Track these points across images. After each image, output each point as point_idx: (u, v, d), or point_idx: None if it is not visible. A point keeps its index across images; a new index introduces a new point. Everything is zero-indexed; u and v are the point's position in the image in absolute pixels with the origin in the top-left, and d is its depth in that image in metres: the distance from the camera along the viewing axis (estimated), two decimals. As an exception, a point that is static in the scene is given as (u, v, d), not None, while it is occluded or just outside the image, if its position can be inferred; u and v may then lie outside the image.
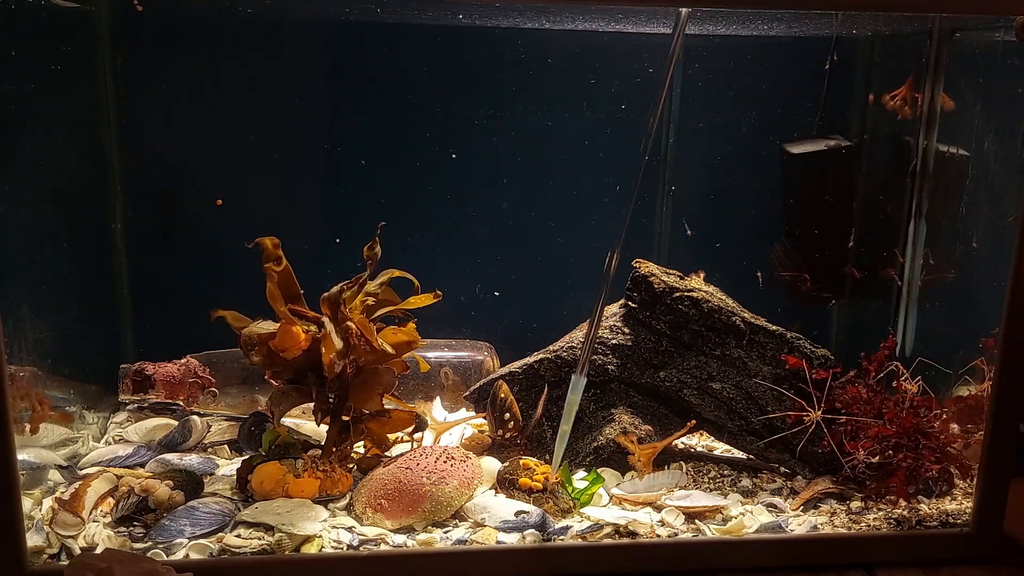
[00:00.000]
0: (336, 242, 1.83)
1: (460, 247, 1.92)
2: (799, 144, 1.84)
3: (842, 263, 1.88)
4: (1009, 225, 1.34)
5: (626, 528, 1.36)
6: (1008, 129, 1.56)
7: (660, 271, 1.57)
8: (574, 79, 1.84)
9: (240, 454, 1.61)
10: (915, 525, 1.40)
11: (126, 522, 1.34)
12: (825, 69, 1.81)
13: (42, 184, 1.54)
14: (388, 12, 1.71)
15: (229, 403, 1.75)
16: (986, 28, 1.58)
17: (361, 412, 1.49)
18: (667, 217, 1.94)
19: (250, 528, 1.33)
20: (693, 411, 1.56)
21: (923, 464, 1.43)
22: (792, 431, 1.50)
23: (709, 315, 1.53)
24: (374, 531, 1.33)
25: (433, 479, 1.39)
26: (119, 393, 1.73)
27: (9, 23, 1.39)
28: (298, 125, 1.86)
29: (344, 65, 1.84)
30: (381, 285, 1.50)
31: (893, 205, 1.78)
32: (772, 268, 1.89)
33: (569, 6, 1.52)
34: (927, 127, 1.69)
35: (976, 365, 1.55)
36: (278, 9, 1.78)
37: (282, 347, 1.40)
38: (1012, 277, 1.29)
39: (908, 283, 1.75)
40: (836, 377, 1.50)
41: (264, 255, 1.43)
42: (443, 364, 1.80)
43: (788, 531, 1.38)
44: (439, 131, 1.86)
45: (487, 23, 1.76)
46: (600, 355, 1.56)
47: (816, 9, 1.50)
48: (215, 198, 1.79)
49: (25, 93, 1.47)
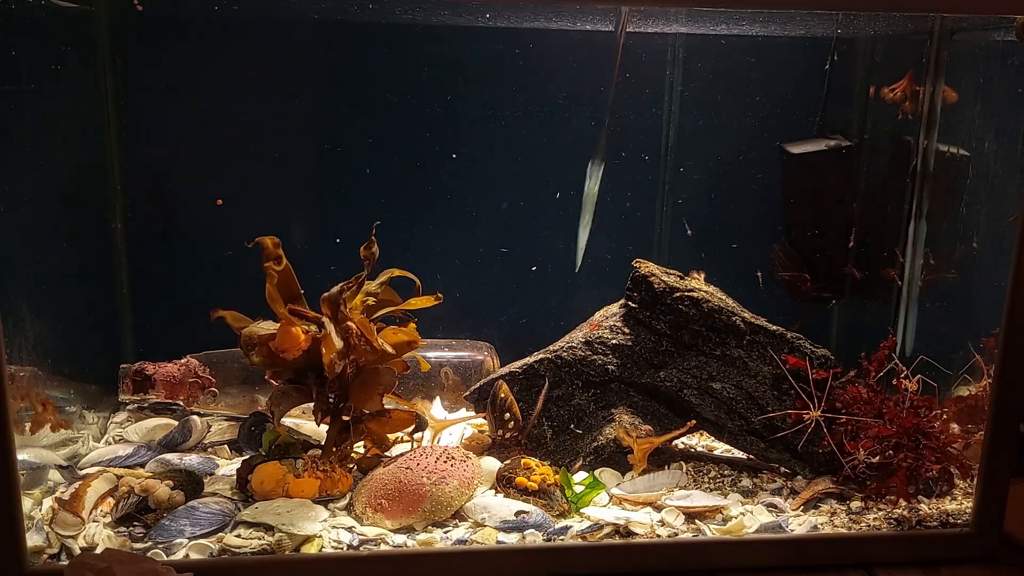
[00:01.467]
0: (336, 242, 1.83)
1: (460, 247, 1.92)
2: (799, 144, 1.84)
3: (842, 263, 1.88)
4: (1009, 225, 1.34)
5: (626, 528, 1.36)
6: (1008, 129, 1.56)
7: (660, 271, 1.57)
8: (574, 79, 1.84)
9: (240, 454, 1.61)
10: (915, 525, 1.40)
11: (126, 522, 1.34)
12: (825, 69, 1.81)
13: (42, 184, 1.54)
14: (389, 12, 1.71)
15: (229, 403, 1.75)
16: (986, 28, 1.58)
17: (361, 412, 1.49)
18: (667, 217, 1.94)
19: (250, 528, 1.33)
20: (693, 411, 1.56)
21: (923, 464, 1.43)
22: (792, 430, 1.50)
23: (709, 315, 1.53)
24: (374, 531, 1.33)
25: (433, 479, 1.39)
26: (119, 393, 1.73)
27: (9, 23, 1.39)
28: (298, 125, 1.86)
29: (344, 64, 1.84)
30: (381, 285, 1.50)
31: (893, 205, 1.78)
32: (772, 268, 1.90)
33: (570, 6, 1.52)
34: (927, 127, 1.69)
35: (976, 365, 1.55)
36: (278, 8, 1.78)
37: (282, 347, 1.40)
38: (1012, 277, 1.29)
39: (908, 283, 1.75)
40: (836, 377, 1.50)
41: (264, 254, 1.42)
42: (443, 364, 1.80)
43: (788, 531, 1.38)
44: (439, 131, 1.86)
45: (487, 23, 1.76)
46: (600, 355, 1.56)
47: (816, 9, 1.50)
48: (215, 198, 1.79)
49: (25, 93, 1.46)
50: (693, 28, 1.79)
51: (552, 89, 1.85)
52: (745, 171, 1.92)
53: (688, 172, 1.92)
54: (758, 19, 1.63)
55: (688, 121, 1.88)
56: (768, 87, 1.87)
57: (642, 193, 1.92)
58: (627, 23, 1.35)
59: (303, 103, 1.85)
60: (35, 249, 1.52)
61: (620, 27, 1.36)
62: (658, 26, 1.70)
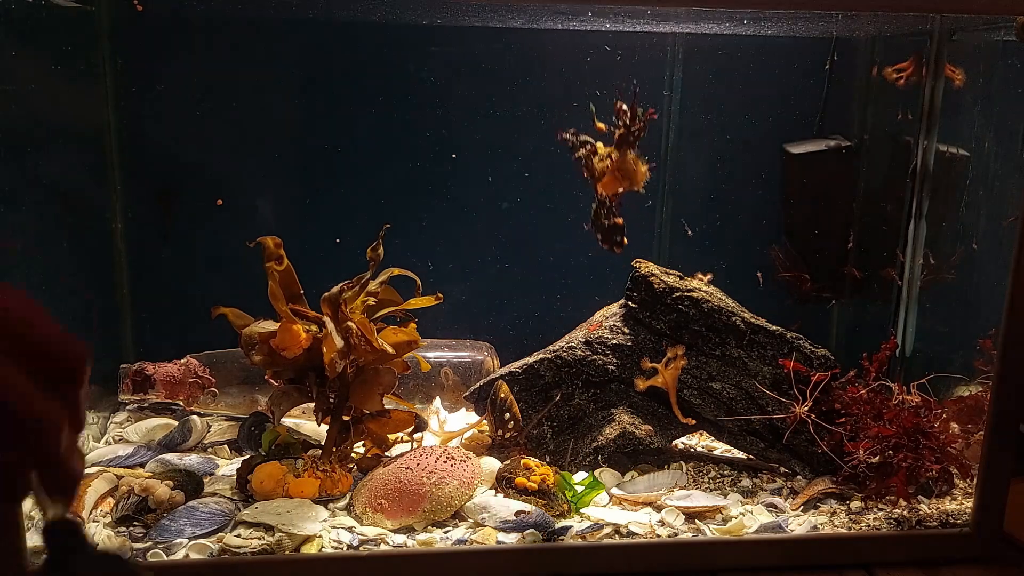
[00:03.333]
0: (336, 242, 1.83)
1: (460, 247, 1.92)
2: (799, 144, 1.85)
3: (842, 263, 1.88)
4: (1009, 225, 1.34)
5: (626, 528, 1.36)
6: (1008, 129, 1.56)
7: (660, 271, 1.57)
8: (574, 78, 1.84)
9: (240, 454, 1.61)
10: (915, 525, 1.40)
11: (126, 522, 1.34)
12: (825, 69, 1.81)
13: (42, 184, 1.54)
14: (389, 11, 1.71)
15: (229, 403, 1.75)
16: (986, 28, 1.58)
17: (361, 412, 1.49)
18: (667, 217, 1.94)
19: (250, 528, 1.33)
20: (693, 411, 1.56)
21: (923, 464, 1.43)
22: (789, 430, 1.50)
23: (709, 315, 1.53)
24: (374, 531, 1.33)
25: (433, 479, 1.39)
26: (119, 393, 1.73)
27: (9, 23, 1.39)
28: (298, 124, 1.86)
29: (345, 64, 1.84)
30: (381, 284, 1.50)
31: (893, 205, 1.78)
32: (772, 268, 1.90)
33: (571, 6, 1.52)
34: (927, 127, 1.69)
35: (976, 365, 1.56)
36: (278, 8, 1.78)
37: (283, 345, 1.40)
38: (1012, 277, 1.29)
39: (908, 283, 1.75)
40: (836, 378, 1.50)
41: (266, 254, 1.43)
42: (443, 364, 1.80)
43: (788, 531, 1.38)
44: (439, 131, 1.86)
45: (488, 23, 1.76)
46: (600, 355, 1.56)
47: (816, 9, 1.50)
48: (215, 198, 1.79)
49: (25, 93, 1.46)
50: (693, 28, 1.79)
51: (552, 89, 1.85)
52: (745, 171, 1.92)
53: (688, 172, 1.92)
54: (758, 19, 1.63)
55: (688, 121, 1.88)
56: (768, 87, 1.87)
57: (642, 193, 1.92)
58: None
59: (303, 102, 1.85)
60: (35, 249, 1.52)
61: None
62: (658, 26, 1.70)
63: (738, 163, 1.92)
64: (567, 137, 1.39)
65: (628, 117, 1.36)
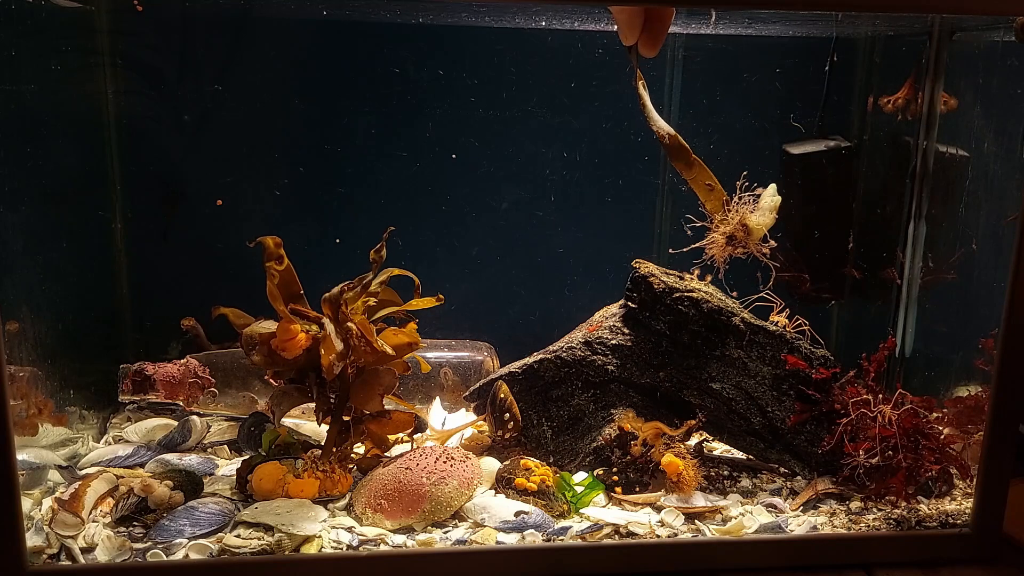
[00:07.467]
0: (337, 242, 1.83)
1: (460, 247, 1.92)
2: (799, 144, 1.85)
3: (842, 263, 1.88)
4: (1009, 225, 1.34)
5: (626, 528, 1.36)
6: (1008, 129, 1.56)
7: (660, 271, 1.57)
8: (574, 78, 1.84)
9: (240, 454, 1.61)
10: (914, 525, 1.40)
11: (126, 522, 1.34)
12: (825, 69, 1.81)
13: (42, 184, 1.54)
14: (390, 11, 1.71)
15: (229, 403, 1.75)
16: (986, 29, 1.58)
17: (361, 413, 1.49)
18: (667, 217, 1.94)
19: (250, 528, 1.33)
20: (693, 411, 1.56)
21: (923, 464, 1.43)
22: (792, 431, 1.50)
23: (709, 315, 1.53)
24: (374, 531, 1.33)
25: (433, 479, 1.39)
26: (119, 393, 1.73)
27: (9, 23, 1.39)
28: (299, 124, 1.86)
29: (345, 64, 1.84)
30: (381, 284, 1.50)
31: (893, 205, 1.78)
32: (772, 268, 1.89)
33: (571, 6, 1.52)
34: (927, 127, 1.70)
35: (976, 365, 1.56)
36: (279, 8, 1.78)
37: (283, 345, 1.40)
38: (1012, 277, 1.29)
39: (908, 283, 1.75)
40: (836, 377, 1.50)
41: (266, 254, 1.42)
42: (443, 364, 1.80)
43: (788, 531, 1.38)
44: (439, 131, 1.86)
45: (488, 23, 1.76)
46: (600, 355, 1.56)
47: (816, 9, 1.50)
48: (215, 198, 1.79)
49: (25, 93, 1.46)
50: (693, 28, 1.79)
51: (552, 89, 1.85)
52: (744, 171, 1.92)
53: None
54: (758, 19, 1.63)
55: (688, 121, 1.88)
56: (768, 87, 1.87)
57: (642, 193, 1.93)
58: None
59: (304, 102, 1.85)
60: (35, 249, 1.52)
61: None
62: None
63: (737, 162, 1.92)
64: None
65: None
